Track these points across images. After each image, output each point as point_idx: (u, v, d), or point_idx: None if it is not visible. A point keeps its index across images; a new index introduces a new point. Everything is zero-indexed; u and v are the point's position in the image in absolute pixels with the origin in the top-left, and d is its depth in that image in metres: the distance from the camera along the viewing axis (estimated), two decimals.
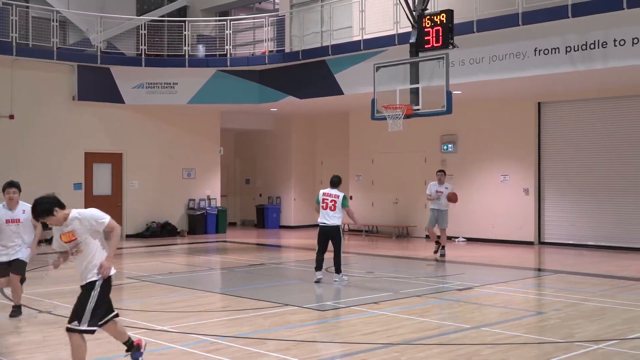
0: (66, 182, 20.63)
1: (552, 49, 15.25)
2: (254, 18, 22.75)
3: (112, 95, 21.06)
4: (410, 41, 14.75)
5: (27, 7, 20.17)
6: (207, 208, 23.30)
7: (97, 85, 20.87)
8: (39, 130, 20.10)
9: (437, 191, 16.67)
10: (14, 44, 19.17)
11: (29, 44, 19.71)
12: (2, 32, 19.08)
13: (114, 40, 21.76)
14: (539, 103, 19.42)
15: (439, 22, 14.00)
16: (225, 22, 21.41)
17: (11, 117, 19.58)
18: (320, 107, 22.70)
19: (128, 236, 21.78)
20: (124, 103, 21.24)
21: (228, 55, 21.10)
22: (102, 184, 21.67)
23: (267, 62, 20.84)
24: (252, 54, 22.21)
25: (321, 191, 12.52)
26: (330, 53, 19.20)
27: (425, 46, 14.24)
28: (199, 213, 23.06)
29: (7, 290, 9.72)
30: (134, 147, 22.06)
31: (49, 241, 7.52)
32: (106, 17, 21.13)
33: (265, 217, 25.53)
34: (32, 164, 19.87)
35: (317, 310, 9.85)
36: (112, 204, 21.66)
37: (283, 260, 16.78)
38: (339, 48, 19.06)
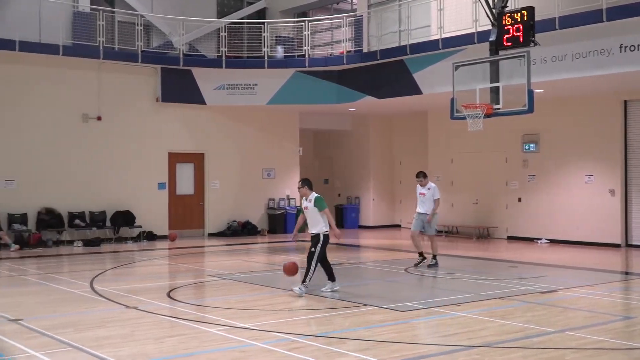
0: (151, 181, 21.23)
1: (638, 45, 14.77)
2: (331, 18, 22.83)
3: (194, 96, 21.53)
4: (490, 39, 14.51)
5: (113, 12, 20.83)
6: (287, 207, 23.53)
7: (179, 87, 21.37)
8: (124, 131, 20.73)
9: (420, 194, 15.08)
10: (101, 47, 19.83)
11: (114, 48, 20.34)
12: (90, 37, 19.76)
13: (196, 43, 22.24)
14: (625, 101, 18.82)
15: (519, 20, 13.73)
16: (303, 23, 21.58)
17: (99, 118, 20.27)
18: (399, 107, 22.62)
19: (210, 235, 22.23)
20: (205, 104, 21.68)
21: (306, 56, 21.25)
22: (185, 184, 22.18)
23: (345, 62, 20.89)
24: (330, 55, 22.29)
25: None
26: (408, 52, 19.11)
27: (506, 44, 13.99)
28: (278, 212, 23.31)
29: None
30: (215, 147, 22.49)
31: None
32: (188, 21, 21.62)
33: (344, 217, 25.59)
34: (119, 163, 20.52)
35: (396, 311, 9.83)
36: (194, 203, 22.17)
37: (362, 260, 16.79)
38: (417, 47, 18.96)
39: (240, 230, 22.52)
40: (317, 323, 9.14)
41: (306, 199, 11.32)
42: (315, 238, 11.21)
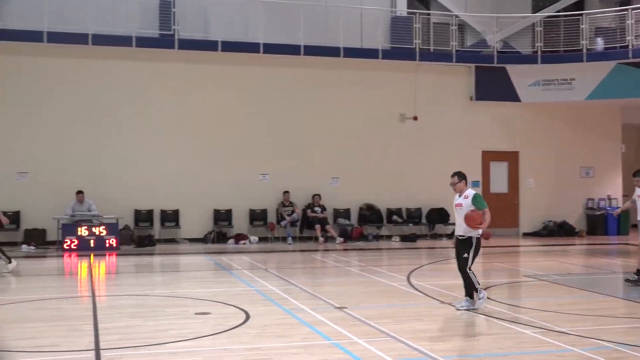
0: None
1: None
2: None
3: (508, 94, 21.32)
4: None
5: (429, 14, 21.40)
6: (608, 208, 22.23)
7: (493, 85, 21.31)
8: (439, 130, 21.22)
9: (638, 196, 12.28)
10: (417, 50, 20.54)
11: (430, 49, 20.91)
12: (407, 40, 20.56)
13: (510, 39, 21.98)
14: None
15: None
16: (626, 12, 20.22)
17: (415, 118, 20.99)
18: None
19: (524, 234, 21.85)
20: (519, 101, 21.35)
21: (630, 47, 19.89)
22: (499, 182, 22.05)
23: None
24: None
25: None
26: None
27: None
28: (598, 213, 22.13)
29: None
30: (529, 145, 22.04)
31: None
32: (502, 17, 21.46)
33: None
34: (433, 161, 21.06)
35: None
36: (508, 202, 21.92)
37: None
38: None
39: (556, 231, 21.77)
40: None
41: (460, 195, 10.23)
42: (466, 242, 9.89)
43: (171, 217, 19.36)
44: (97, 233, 17.01)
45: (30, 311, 9.67)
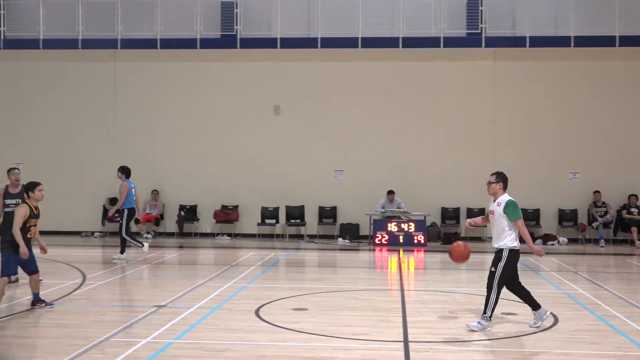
0: None
1: None
2: None
3: None
4: None
5: None
6: None
7: None
8: None
9: None
10: None
11: None
12: None
13: None
14: None
15: None
16: None
17: None
18: None
19: None
20: None
21: None
22: None
23: None
24: None
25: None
26: None
27: None
28: None
29: None
30: None
31: None
32: None
33: None
34: None
35: None
36: None
37: None
38: None
39: None
40: None
41: (494, 200, 8.55)
42: (497, 254, 8.43)
43: (477, 214, 19.40)
44: (406, 229, 17.66)
45: (346, 300, 10.38)
